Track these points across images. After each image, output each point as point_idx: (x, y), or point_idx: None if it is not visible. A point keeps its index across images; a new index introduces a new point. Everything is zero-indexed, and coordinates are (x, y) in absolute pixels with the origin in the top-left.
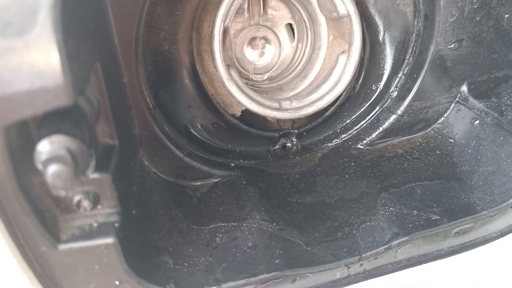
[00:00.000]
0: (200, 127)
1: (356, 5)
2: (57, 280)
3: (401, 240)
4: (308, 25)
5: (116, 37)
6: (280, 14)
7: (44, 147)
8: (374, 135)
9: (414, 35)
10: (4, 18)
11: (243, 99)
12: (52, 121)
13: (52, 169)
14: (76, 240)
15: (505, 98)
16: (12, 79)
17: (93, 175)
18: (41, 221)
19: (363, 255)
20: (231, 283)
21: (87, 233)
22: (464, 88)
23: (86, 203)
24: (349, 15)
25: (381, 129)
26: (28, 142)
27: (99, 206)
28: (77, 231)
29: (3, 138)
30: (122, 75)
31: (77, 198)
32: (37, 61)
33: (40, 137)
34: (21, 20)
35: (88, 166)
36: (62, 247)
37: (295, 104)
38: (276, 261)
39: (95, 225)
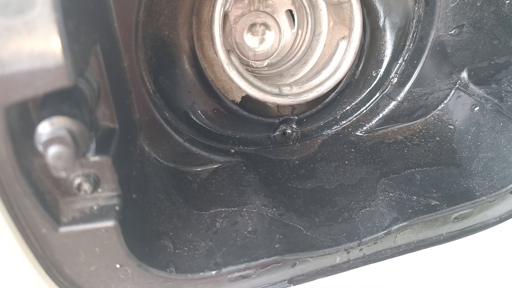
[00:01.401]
0: (200, 113)
1: None
2: (57, 263)
3: (400, 225)
4: (308, 11)
5: (116, 20)
6: (280, 0)
7: (45, 129)
8: (374, 121)
9: (414, 20)
10: None
11: (243, 85)
12: (53, 102)
13: (53, 150)
14: (77, 223)
15: (505, 84)
16: (12, 60)
17: (93, 158)
18: (42, 203)
19: (363, 240)
20: (231, 267)
21: (87, 216)
22: (464, 74)
23: (86, 186)
24: (349, 1)
25: (381, 115)
26: (28, 123)
27: (99, 189)
28: (78, 213)
29: (3, 119)
30: (122, 59)
31: (77, 180)
32: (37, 41)
33: (40, 119)
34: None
35: (88, 149)
36: (63, 229)
37: (295, 90)
38: (276, 246)
39: (95, 208)
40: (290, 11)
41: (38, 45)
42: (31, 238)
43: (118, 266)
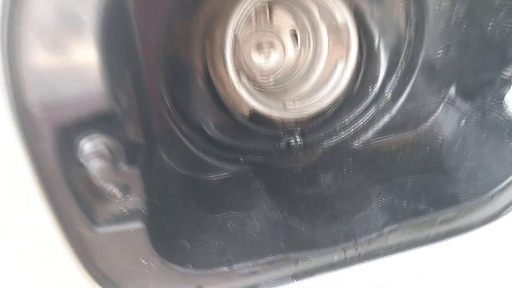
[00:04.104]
0: (212, 125)
1: (354, 14)
2: (93, 259)
3: (391, 227)
4: (310, 32)
5: (140, 48)
6: (284, 22)
7: (86, 144)
8: (370, 133)
9: (406, 41)
10: (55, 37)
11: (251, 101)
12: (92, 121)
13: (96, 163)
14: (109, 224)
15: (489, 99)
16: (63, 87)
17: (123, 168)
18: (80, 207)
19: (358, 240)
20: (241, 264)
21: (118, 218)
22: (452, 90)
23: (117, 193)
24: (346, 24)
25: (376, 127)
26: (72, 139)
27: (128, 195)
28: (110, 216)
29: (52, 135)
30: (145, 80)
31: (110, 188)
32: (83, 73)
33: (82, 136)
34: (70, 38)
35: (120, 161)
36: (98, 229)
37: (298, 105)
38: (281, 245)
39: (125, 211)
40: (294, 31)
41: (84, 76)
42: (71, 236)
43: (144, 262)
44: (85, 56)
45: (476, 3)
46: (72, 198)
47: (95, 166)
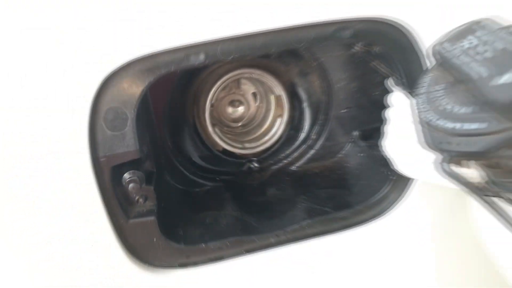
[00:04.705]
0: (198, 157)
1: (289, 86)
2: (126, 238)
3: (308, 222)
4: (263, 96)
5: (154, 118)
6: (248, 87)
7: (126, 175)
8: (301, 161)
9: (323, 103)
10: (114, 123)
11: (221, 143)
12: (130, 164)
13: (130, 185)
14: (136, 218)
15: (375, 139)
16: (116, 146)
17: (144, 187)
18: (121, 208)
19: (286, 229)
20: (214, 242)
21: (141, 215)
22: (355, 133)
23: (141, 200)
24: (281, 95)
25: (306, 157)
26: (119, 173)
27: (147, 202)
28: (137, 213)
29: (109, 172)
30: (157, 134)
31: (137, 198)
32: (126, 139)
33: (124, 171)
34: (122, 124)
35: (143, 183)
36: (130, 221)
37: (253, 144)
38: (238, 232)
39: (145, 211)
40: (255, 93)
41: (126, 141)
42: (115, 226)
43: (155, 240)
44: (128, 130)
45: (364, 81)
46: (117, 203)
47: (130, 186)
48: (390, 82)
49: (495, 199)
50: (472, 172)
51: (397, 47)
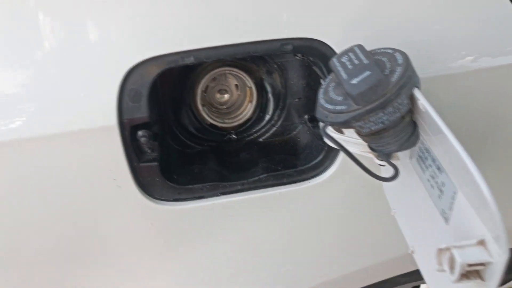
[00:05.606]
0: (193, 129)
1: (258, 80)
2: (138, 178)
3: (264, 176)
4: (242, 86)
5: (161, 98)
6: (231, 79)
7: (140, 133)
8: (266, 135)
9: (282, 94)
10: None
11: (209, 119)
12: (143, 125)
13: (143, 139)
14: (145, 162)
15: (318, 122)
16: (136, 114)
17: (152, 142)
18: (136, 155)
19: (249, 180)
20: (198, 185)
21: (149, 160)
22: (305, 117)
23: (149, 151)
24: (252, 87)
25: (269, 133)
26: (135, 131)
27: (153, 152)
28: (146, 159)
29: (129, 130)
30: (162, 109)
31: (146, 148)
32: (142, 110)
33: (139, 129)
34: (140, 99)
35: (151, 139)
36: (141, 164)
37: (231, 120)
38: (216, 179)
39: (151, 158)
40: (237, 84)
41: (142, 111)
42: (133, 169)
43: (157, 179)
44: (142, 103)
45: (309, 79)
46: (133, 151)
47: (142, 139)
48: (323, 81)
49: (357, 152)
50: (352, 137)
51: (324, 57)
